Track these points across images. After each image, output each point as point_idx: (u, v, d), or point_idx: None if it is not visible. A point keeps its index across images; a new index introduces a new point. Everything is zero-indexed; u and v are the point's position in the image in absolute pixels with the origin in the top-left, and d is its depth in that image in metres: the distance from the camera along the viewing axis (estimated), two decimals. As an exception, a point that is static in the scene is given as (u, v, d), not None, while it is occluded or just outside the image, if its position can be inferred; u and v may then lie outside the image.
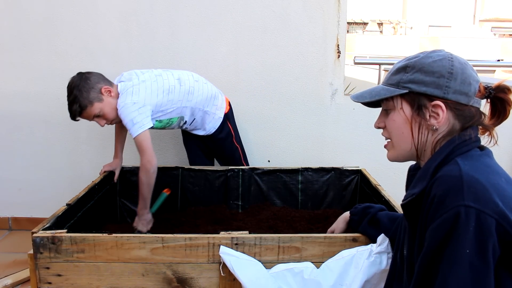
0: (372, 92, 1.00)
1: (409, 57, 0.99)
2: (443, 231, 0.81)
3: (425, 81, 0.93)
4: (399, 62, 1.00)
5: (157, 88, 1.98)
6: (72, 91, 1.86)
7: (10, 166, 2.71)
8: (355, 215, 1.44)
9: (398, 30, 22.41)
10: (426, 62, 0.94)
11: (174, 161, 2.64)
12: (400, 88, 0.95)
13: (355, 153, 2.65)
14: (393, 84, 0.97)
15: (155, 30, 2.54)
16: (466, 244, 0.78)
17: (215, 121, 2.22)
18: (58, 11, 2.53)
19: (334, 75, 2.58)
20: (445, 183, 0.84)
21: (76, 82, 1.87)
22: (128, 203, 2.26)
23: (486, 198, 0.80)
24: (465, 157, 0.89)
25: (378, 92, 0.99)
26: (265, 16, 2.51)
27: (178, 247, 1.35)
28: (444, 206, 0.82)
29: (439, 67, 0.92)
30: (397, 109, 0.97)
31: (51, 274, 1.36)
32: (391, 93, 0.96)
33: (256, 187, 2.26)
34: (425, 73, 0.93)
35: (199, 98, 2.13)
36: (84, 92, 1.86)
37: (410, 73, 0.94)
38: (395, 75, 0.97)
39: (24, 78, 2.61)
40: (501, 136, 1.00)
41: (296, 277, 1.29)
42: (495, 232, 0.78)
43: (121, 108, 1.90)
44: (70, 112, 1.90)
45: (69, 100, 1.88)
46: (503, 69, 7.10)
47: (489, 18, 22.02)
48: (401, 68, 0.97)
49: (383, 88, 0.98)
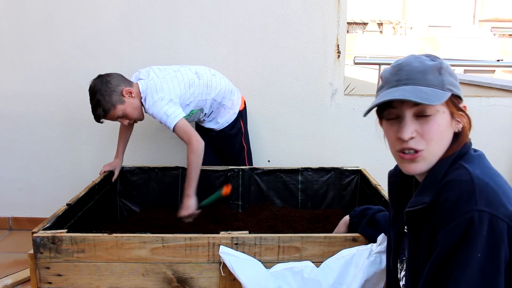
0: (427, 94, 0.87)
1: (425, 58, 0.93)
2: (456, 236, 0.81)
3: (456, 84, 0.92)
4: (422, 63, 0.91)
5: (178, 82, 2.03)
6: (95, 95, 1.91)
7: (11, 166, 2.71)
8: (354, 218, 1.44)
9: (398, 30, 22.42)
10: (448, 65, 0.93)
11: (174, 161, 2.64)
12: (445, 90, 0.89)
13: (355, 153, 2.65)
14: (436, 85, 0.89)
15: (155, 30, 2.54)
16: (479, 248, 0.79)
17: (229, 116, 2.26)
18: (58, 11, 2.53)
19: (334, 75, 2.58)
20: (457, 187, 0.84)
21: (98, 86, 1.91)
22: (128, 203, 2.26)
23: (497, 201, 0.80)
24: (467, 160, 0.90)
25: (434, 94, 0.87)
26: (265, 16, 2.51)
27: (178, 247, 1.35)
28: (457, 211, 0.81)
29: (453, 71, 0.94)
30: (440, 112, 0.89)
31: (51, 274, 1.36)
32: (445, 96, 0.88)
33: (256, 187, 2.26)
34: (453, 77, 0.92)
35: (217, 91, 2.17)
36: (107, 96, 1.90)
37: (445, 75, 0.91)
38: (431, 75, 0.90)
39: (24, 78, 2.61)
40: (501, 136, 1.00)
41: (296, 276, 1.29)
42: (506, 236, 0.79)
43: (151, 107, 1.95)
44: (94, 115, 1.95)
45: (92, 103, 1.94)
46: (503, 69, 7.10)
47: (489, 18, 22.02)
48: (436, 69, 0.90)
49: (432, 90, 0.88)
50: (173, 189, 2.27)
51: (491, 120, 2.60)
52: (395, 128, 0.93)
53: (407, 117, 0.90)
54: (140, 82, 2.01)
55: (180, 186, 2.27)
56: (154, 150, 2.68)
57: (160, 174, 2.26)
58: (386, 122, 0.96)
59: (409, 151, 0.90)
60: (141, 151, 2.67)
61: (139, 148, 2.67)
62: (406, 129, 0.89)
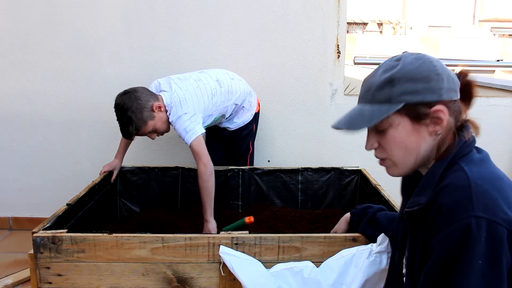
0: (362, 117, 0.91)
1: (383, 69, 0.93)
2: (452, 242, 0.80)
3: (418, 89, 0.88)
4: (375, 77, 0.93)
5: (201, 94, 2.01)
6: (126, 113, 1.86)
7: (11, 166, 2.71)
8: (355, 216, 1.44)
9: (397, 30, 22.42)
10: (411, 70, 0.89)
11: (174, 161, 2.64)
12: (394, 104, 0.89)
13: (355, 153, 2.65)
14: (382, 101, 0.90)
15: (155, 30, 2.54)
16: (478, 255, 0.77)
17: (246, 117, 2.28)
18: (58, 11, 2.53)
19: (334, 75, 2.58)
20: (453, 192, 0.83)
21: (128, 104, 1.86)
22: (128, 203, 2.26)
23: (496, 207, 0.79)
24: (468, 161, 0.88)
25: (370, 116, 0.90)
26: (265, 16, 2.52)
27: (178, 247, 1.35)
28: (453, 216, 0.80)
29: (425, 71, 0.89)
30: (394, 125, 0.90)
31: (52, 274, 1.36)
32: (387, 112, 0.89)
33: (256, 187, 2.26)
34: (415, 81, 0.88)
35: (237, 95, 2.18)
36: (138, 113, 1.86)
37: (399, 85, 0.89)
38: (379, 91, 0.90)
39: (24, 78, 2.61)
40: (501, 136, 1.01)
41: (296, 276, 1.29)
42: (506, 241, 0.78)
43: (175, 121, 1.94)
44: (125, 132, 1.91)
45: (122, 121, 1.89)
46: (503, 69, 7.10)
47: (488, 18, 22.03)
48: (386, 82, 0.90)
49: (372, 110, 0.90)
50: (173, 189, 2.27)
51: (491, 120, 2.60)
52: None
53: (369, 131, 0.98)
54: (163, 94, 1.99)
55: (180, 186, 2.27)
56: (154, 150, 2.68)
57: (160, 174, 2.26)
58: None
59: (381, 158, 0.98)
60: (141, 151, 2.67)
61: (139, 148, 2.67)
62: (367, 142, 0.98)
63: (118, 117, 1.91)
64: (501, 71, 7.31)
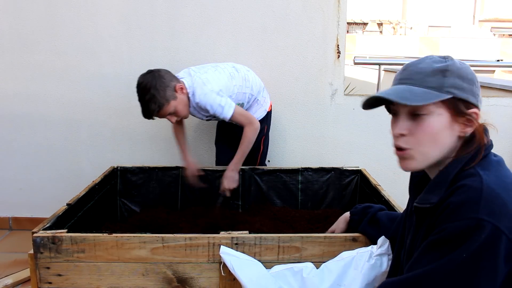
0: (414, 95, 0.89)
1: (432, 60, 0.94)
2: (449, 232, 0.82)
3: (464, 87, 0.90)
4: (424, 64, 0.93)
5: (221, 75, 2.04)
6: (149, 90, 1.85)
7: (11, 166, 2.72)
8: (355, 215, 1.44)
9: (397, 30, 22.42)
10: (461, 68, 0.92)
11: (174, 161, 2.64)
12: (443, 93, 0.89)
13: (355, 153, 2.65)
14: (434, 87, 0.90)
15: (155, 30, 2.54)
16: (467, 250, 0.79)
17: (260, 112, 2.28)
18: (58, 11, 2.53)
19: (334, 75, 2.58)
20: (464, 193, 0.84)
21: (152, 82, 1.86)
22: (128, 203, 2.26)
23: (502, 213, 0.80)
24: (484, 165, 0.89)
25: (423, 95, 0.89)
26: (265, 16, 2.51)
27: (178, 247, 1.35)
28: (457, 214, 0.82)
29: (471, 74, 0.92)
30: (435, 114, 0.90)
31: (52, 274, 1.36)
32: (437, 97, 0.89)
33: (256, 187, 2.26)
34: (463, 80, 0.91)
35: (253, 85, 2.20)
36: (161, 91, 1.85)
37: (450, 78, 0.90)
38: (431, 76, 0.91)
39: (24, 78, 2.61)
40: (501, 136, 1.01)
41: (296, 276, 1.29)
42: (503, 249, 0.78)
43: (203, 99, 1.93)
44: (147, 111, 1.89)
45: (145, 99, 1.86)
46: (503, 69, 7.10)
47: (488, 18, 22.03)
48: (439, 71, 0.91)
49: (423, 91, 0.90)
50: (173, 189, 2.27)
51: (491, 120, 2.60)
52: (392, 125, 0.96)
53: (401, 115, 0.93)
54: (184, 80, 2.00)
55: (180, 186, 2.27)
56: (154, 150, 2.68)
57: (160, 174, 2.26)
58: (391, 118, 0.99)
59: (402, 148, 0.94)
60: (141, 151, 2.67)
61: (139, 148, 2.67)
62: (397, 125, 0.93)
63: (140, 95, 1.88)
64: (501, 71, 7.30)
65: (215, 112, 1.95)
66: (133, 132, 2.66)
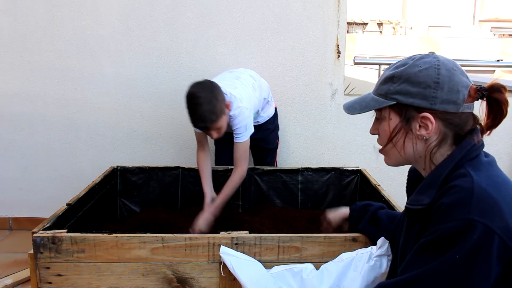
0: (362, 103, 1.00)
1: (397, 64, 0.97)
2: (441, 234, 0.82)
3: (411, 92, 0.91)
4: (388, 70, 0.99)
5: (248, 90, 2.00)
6: (210, 100, 1.74)
7: (11, 166, 2.71)
8: (355, 212, 1.43)
9: (397, 30, 22.41)
10: (412, 72, 0.92)
11: (174, 161, 2.64)
12: (388, 99, 0.95)
13: (355, 153, 2.65)
14: (382, 94, 0.96)
15: (155, 30, 2.54)
16: (460, 251, 0.79)
17: (271, 110, 2.31)
18: (58, 11, 2.53)
19: (334, 75, 2.58)
20: (455, 194, 0.84)
21: (215, 92, 1.78)
22: (128, 203, 2.26)
23: (494, 213, 0.80)
24: (475, 165, 0.89)
25: (367, 104, 0.99)
26: (265, 16, 2.51)
27: (178, 247, 1.35)
28: (449, 215, 0.82)
29: (425, 77, 0.90)
30: (386, 119, 0.97)
31: (52, 274, 1.36)
32: (379, 105, 0.96)
33: (256, 187, 2.26)
34: (412, 84, 0.91)
35: (265, 88, 2.22)
36: (220, 103, 1.78)
37: (397, 84, 0.93)
38: (383, 84, 0.97)
39: (24, 78, 2.61)
40: (501, 136, 1.01)
41: (296, 277, 1.29)
42: (496, 249, 0.78)
43: (238, 114, 1.88)
44: (203, 120, 1.77)
45: (204, 107, 1.74)
46: (503, 69, 7.10)
47: (488, 18, 22.03)
48: (388, 78, 0.96)
49: (372, 99, 0.99)
50: (173, 189, 2.27)
51: (491, 120, 2.60)
52: None
53: (374, 117, 1.04)
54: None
55: (180, 186, 2.27)
56: (154, 150, 2.68)
57: (160, 174, 2.26)
58: None
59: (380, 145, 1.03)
60: (141, 151, 2.67)
61: (139, 148, 2.67)
62: (371, 126, 1.04)
63: (197, 105, 1.74)
64: (501, 71, 7.30)
65: (237, 128, 1.90)
66: (133, 132, 2.66)
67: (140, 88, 2.60)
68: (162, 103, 2.61)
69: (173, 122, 2.63)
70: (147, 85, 2.60)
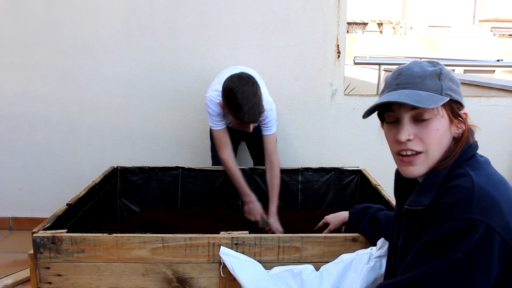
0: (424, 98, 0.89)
1: (423, 64, 0.95)
2: (443, 234, 0.82)
3: (456, 90, 0.94)
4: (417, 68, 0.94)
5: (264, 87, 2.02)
6: (256, 94, 1.77)
7: (11, 166, 2.71)
8: (354, 215, 1.44)
9: (398, 30, 22.41)
10: (450, 72, 0.95)
11: (174, 161, 2.64)
12: (443, 95, 0.91)
13: (355, 153, 2.65)
14: (434, 90, 0.91)
15: (155, 30, 2.54)
16: (461, 250, 0.79)
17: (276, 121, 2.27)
18: (58, 11, 2.53)
19: (334, 75, 2.58)
20: (456, 194, 0.84)
21: (259, 87, 1.80)
22: (128, 203, 2.26)
23: (494, 211, 0.81)
24: (472, 165, 0.90)
25: (432, 99, 0.89)
26: (265, 16, 2.51)
27: (178, 247, 1.35)
28: (450, 215, 0.82)
29: (456, 77, 0.95)
30: (439, 117, 0.91)
31: (51, 274, 1.36)
32: (442, 100, 0.90)
33: (256, 187, 2.26)
34: (454, 83, 0.94)
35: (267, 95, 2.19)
36: (260, 93, 1.81)
37: (445, 81, 0.93)
38: (430, 80, 0.92)
39: (24, 78, 2.61)
40: (501, 136, 1.01)
41: (296, 278, 1.29)
42: (497, 247, 0.79)
43: (269, 107, 1.95)
44: (254, 114, 1.77)
45: (253, 102, 1.75)
46: (503, 69, 7.10)
47: (488, 18, 22.02)
48: (435, 75, 0.93)
49: (429, 95, 0.90)
50: (173, 189, 2.27)
51: (491, 120, 2.60)
52: (394, 131, 0.95)
53: (405, 120, 0.92)
54: None
55: (180, 186, 2.27)
56: (154, 150, 2.68)
57: (160, 174, 2.26)
58: (386, 125, 0.99)
59: (407, 152, 0.93)
60: (141, 151, 2.67)
61: (139, 148, 2.67)
62: (403, 131, 0.92)
63: (245, 98, 1.74)
64: (501, 71, 7.31)
65: (268, 122, 1.96)
66: (133, 132, 2.66)
67: (140, 88, 2.60)
68: (162, 103, 2.61)
69: (173, 122, 2.63)
70: (147, 85, 2.60)
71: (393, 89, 0.95)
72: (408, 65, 0.96)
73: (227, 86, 1.79)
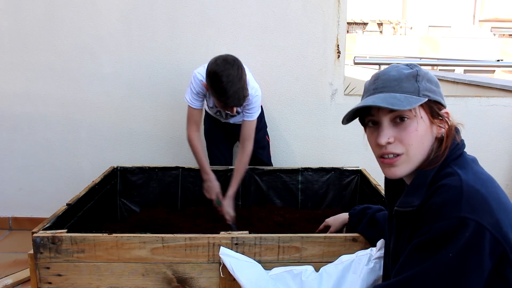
0: (400, 101, 0.90)
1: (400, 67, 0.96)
2: (434, 234, 0.83)
3: (434, 90, 0.94)
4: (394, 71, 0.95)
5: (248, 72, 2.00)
6: (241, 78, 1.75)
7: (11, 166, 2.71)
8: (354, 217, 1.45)
9: (398, 30, 22.41)
10: (427, 73, 0.96)
11: (174, 161, 2.64)
12: (421, 96, 0.91)
13: (355, 153, 2.65)
14: (411, 92, 0.91)
15: (155, 30, 2.54)
16: (452, 249, 0.80)
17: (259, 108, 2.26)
18: (58, 11, 2.53)
19: (334, 75, 2.58)
20: (445, 193, 0.85)
21: (241, 66, 1.78)
22: (128, 203, 2.26)
23: (484, 209, 0.81)
24: (460, 164, 0.91)
25: (408, 101, 0.90)
26: (265, 16, 2.51)
27: (178, 247, 1.35)
28: (440, 214, 0.83)
29: (435, 78, 0.96)
30: (418, 118, 0.91)
31: (51, 274, 1.36)
32: (419, 101, 0.90)
33: (256, 187, 2.26)
34: (431, 83, 0.94)
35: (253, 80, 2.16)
36: (245, 77, 1.80)
37: (422, 82, 0.93)
38: (407, 82, 0.92)
39: (24, 78, 2.61)
40: (501, 136, 1.01)
41: (296, 279, 1.29)
42: (488, 245, 0.79)
43: (255, 93, 1.94)
44: (239, 98, 1.76)
45: (239, 85, 1.74)
46: (503, 69, 7.11)
47: (488, 18, 22.03)
48: (412, 76, 0.93)
49: (405, 97, 0.90)
50: (173, 189, 2.27)
51: (491, 120, 2.60)
52: (375, 135, 0.96)
53: (384, 123, 0.94)
54: None
55: (180, 186, 2.27)
56: (154, 150, 2.68)
57: (160, 174, 2.26)
58: (368, 129, 1.00)
59: (388, 155, 0.93)
60: (141, 151, 2.67)
61: (139, 148, 2.67)
62: (383, 134, 0.93)
63: (229, 82, 1.72)
64: (501, 71, 7.31)
65: (251, 108, 1.94)
66: (133, 132, 2.66)
67: (140, 88, 2.60)
68: (161, 103, 2.61)
69: (173, 122, 2.63)
70: (147, 85, 2.60)
71: (370, 94, 0.96)
72: (386, 69, 0.98)
73: (211, 69, 1.76)
